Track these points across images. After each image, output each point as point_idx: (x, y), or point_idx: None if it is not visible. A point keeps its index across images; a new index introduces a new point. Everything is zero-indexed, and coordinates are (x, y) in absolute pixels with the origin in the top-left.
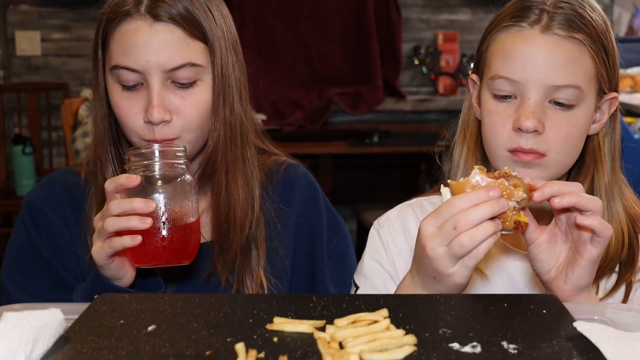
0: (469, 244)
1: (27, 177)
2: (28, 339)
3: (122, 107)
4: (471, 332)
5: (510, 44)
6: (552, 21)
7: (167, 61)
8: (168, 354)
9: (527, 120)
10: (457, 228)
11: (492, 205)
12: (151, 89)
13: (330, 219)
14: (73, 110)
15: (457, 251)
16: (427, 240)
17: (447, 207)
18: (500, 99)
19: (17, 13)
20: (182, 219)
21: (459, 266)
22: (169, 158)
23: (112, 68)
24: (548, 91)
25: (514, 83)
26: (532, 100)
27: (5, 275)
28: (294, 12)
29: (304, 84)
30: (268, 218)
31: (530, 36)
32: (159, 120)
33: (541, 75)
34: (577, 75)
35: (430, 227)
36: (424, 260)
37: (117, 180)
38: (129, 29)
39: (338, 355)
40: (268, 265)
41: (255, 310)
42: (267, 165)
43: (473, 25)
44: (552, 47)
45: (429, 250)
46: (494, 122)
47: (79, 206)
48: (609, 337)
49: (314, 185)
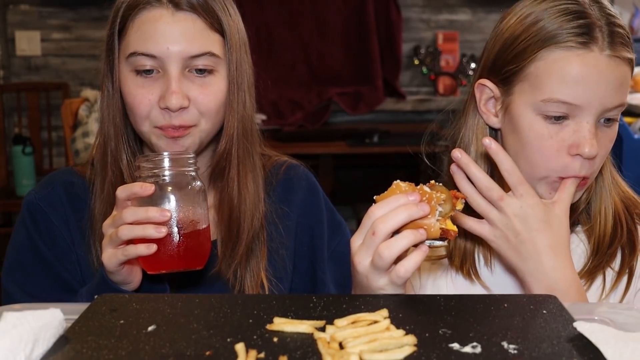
0: (388, 255)
1: (27, 177)
2: (28, 339)
3: (136, 94)
4: (471, 332)
5: (576, 67)
6: (613, 43)
7: (188, 49)
8: (168, 354)
9: (590, 147)
10: (376, 234)
11: (409, 208)
12: (170, 75)
13: (331, 219)
14: (73, 110)
15: (377, 263)
16: (355, 255)
17: (367, 216)
18: (553, 120)
19: (17, 13)
20: (194, 226)
21: (385, 282)
22: (180, 165)
23: (130, 55)
24: (602, 113)
25: (572, 106)
26: (591, 124)
27: (6, 276)
28: (294, 12)
29: (304, 84)
30: (269, 218)
31: (596, 60)
32: (177, 107)
33: (603, 100)
34: (625, 94)
35: (357, 241)
36: (357, 277)
37: (130, 189)
38: (149, 16)
39: (338, 355)
40: (269, 265)
41: (255, 310)
42: (268, 165)
43: (473, 25)
44: (613, 70)
45: (357, 265)
46: (547, 146)
47: (80, 206)
48: (609, 337)
49: (315, 186)
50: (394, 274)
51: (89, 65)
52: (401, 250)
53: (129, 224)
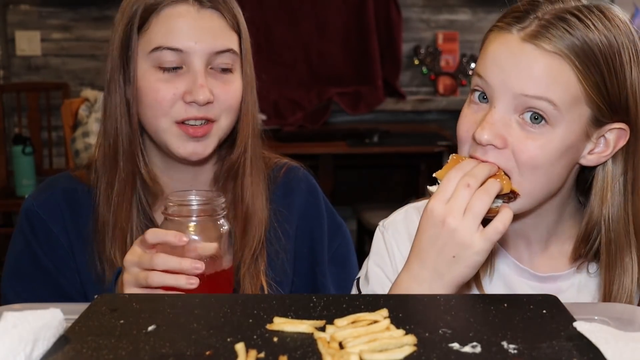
0: (480, 206)
1: (27, 177)
2: (28, 339)
3: (159, 88)
4: (471, 332)
5: (491, 44)
6: (539, 32)
7: (213, 45)
8: (168, 354)
9: (482, 130)
10: (470, 186)
11: (487, 164)
12: (195, 70)
13: (331, 221)
14: (73, 110)
15: (474, 208)
16: (447, 213)
17: (447, 179)
18: (474, 102)
19: (17, 13)
20: (219, 268)
21: (482, 238)
22: (210, 208)
23: (153, 50)
24: (518, 101)
25: (488, 86)
26: (497, 110)
27: (6, 284)
28: (294, 12)
29: (304, 84)
30: (269, 222)
31: (510, 41)
32: (205, 100)
33: (511, 83)
34: (552, 91)
35: (439, 203)
36: (442, 238)
37: (163, 237)
38: (174, 12)
39: (338, 355)
40: (269, 269)
41: (255, 310)
42: (267, 168)
43: (473, 25)
44: (529, 57)
45: (451, 221)
46: (460, 126)
47: (81, 213)
48: (609, 337)
49: (315, 188)
50: (492, 228)
51: (89, 65)
52: (496, 191)
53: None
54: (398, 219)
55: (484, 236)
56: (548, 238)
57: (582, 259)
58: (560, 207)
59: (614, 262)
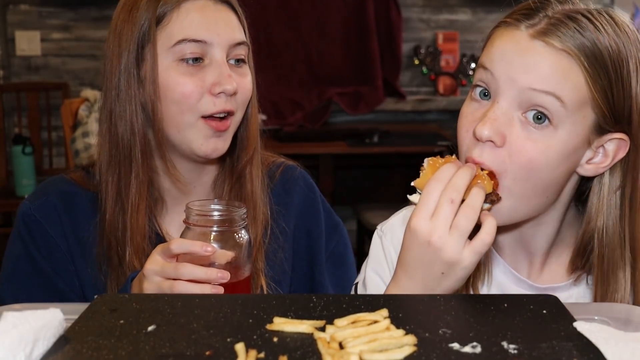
0: (466, 223)
1: (27, 177)
2: (28, 339)
3: (186, 82)
4: (471, 332)
5: (498, 39)
6: (549, 30)
7: (233, 36)
8: (168, 354)
9: (483, 126)
10: (454, 201)
11: (470, 168)
12: (219, 62)
13: (328, 220)
14: (73, 110)
15: (460, 225)
16: (431, 232)
17: (427, 193)
18: (474, 100)
19: (17, 13)
20: (241, 276)
21: (470, 252)
22: (232, 218)
23: (176, 44)
24: (523, 97)
25: (493, 79)
26: (500, 106)
27: (3, 287)
28: (294, 12)
29: (304, 84)
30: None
31: (518, 37)
32: (232, 90)
33: (518, 77)
34: (560, 87)
35: (423, 221)
36: (429, 257)
37: (189, 248)
38: (195, 6)
39: (338, 355)
40: (268, 268)
41: (255, 310)
42: (264, 167)
43: (473, 25)
44: (538, 54)
45: (437, 240)
46: (460, 126)
47: (79, 216)
48: (609, 337)
49: (312, 187)
50: (480, 243)
51: (89, 65)
52: (481, 203)
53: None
54: (396, 224)
55: (472, 251)
56: (548, 248)
57: (579, 270)
58: (561, 217)
59: (607, 278)
